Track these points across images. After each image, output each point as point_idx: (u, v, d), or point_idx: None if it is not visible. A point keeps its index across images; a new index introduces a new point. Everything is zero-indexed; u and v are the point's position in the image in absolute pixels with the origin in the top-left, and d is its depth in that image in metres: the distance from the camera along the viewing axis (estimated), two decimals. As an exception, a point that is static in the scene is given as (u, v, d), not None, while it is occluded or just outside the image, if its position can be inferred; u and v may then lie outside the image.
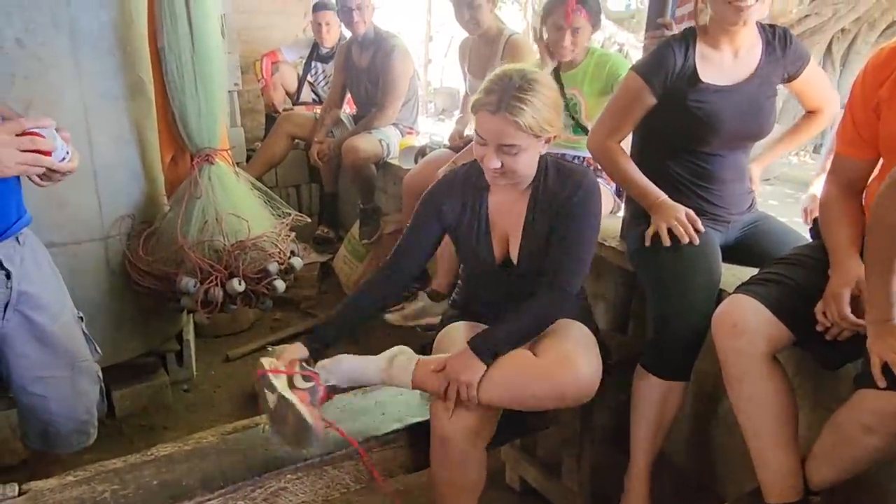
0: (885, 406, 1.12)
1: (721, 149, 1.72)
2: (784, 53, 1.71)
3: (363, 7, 3.20)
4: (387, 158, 3.39)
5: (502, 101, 1.34)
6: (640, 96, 1.70)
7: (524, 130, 1.35)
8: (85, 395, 1.64)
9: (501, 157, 1.39)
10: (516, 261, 1.54)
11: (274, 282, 2.31)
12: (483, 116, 1.37)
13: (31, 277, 1.46)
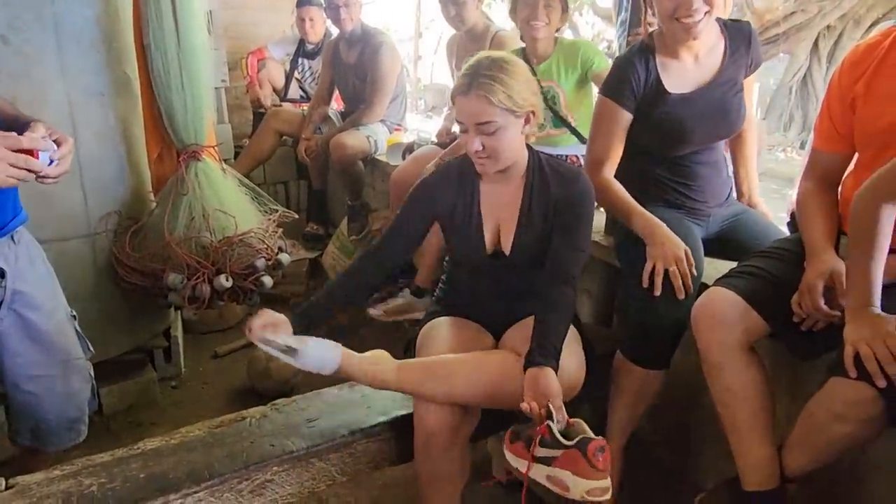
0: (855, 395, 1.15)
1: (694, 149, 1.75)
2: (747, 50, 1.72)
3: (350, 4, 3.21)
4: (374, 155, 3.40)
5: (473, 81, 1.38)
6: (616, 117, 1.71)
7: (497, 105, 1.37)
8: (76, 393, 1.64)
9: (481, 137, 1.41)
10: (508, 251, 1.56)
11: (261, 278, 2.32)
12: (458, 101, 1.41)
13: (26, 276, 1.46)
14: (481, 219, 1.57)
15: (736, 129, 1.78)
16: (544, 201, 1.53)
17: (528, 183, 1.54)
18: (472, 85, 1.37)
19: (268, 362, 2.50)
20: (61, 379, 1.58)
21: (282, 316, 1.47)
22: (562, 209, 1.51)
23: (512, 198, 1.55)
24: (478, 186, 1.57)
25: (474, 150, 1.42)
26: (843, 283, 1.30)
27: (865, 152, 1.39)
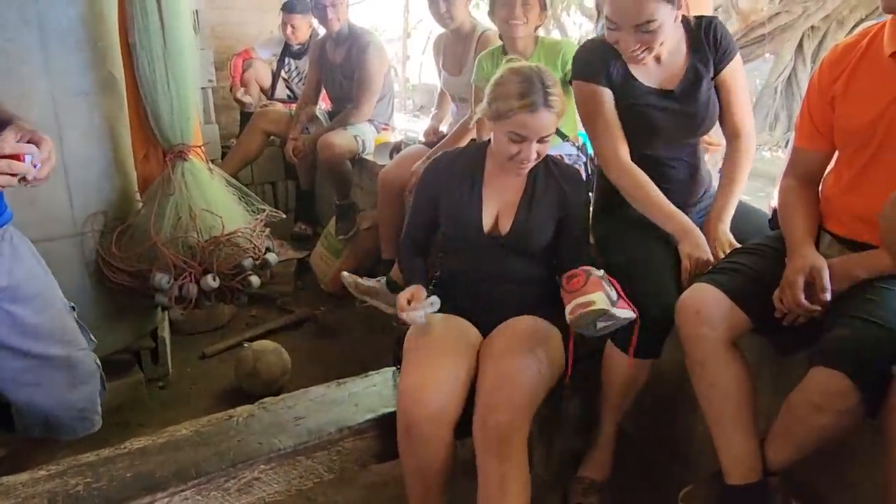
0: (832, 385, 1.17)
1: (667, 149, 1.76)
2: (711, 44, 1.69)
3: (337, 4, 3.21)
4: (362, 155, 3.40)
5: (538, 98, 1.50)
6: (597, 96, 1.70)
7: (558, 113, 1.54)
8: (83, 382, 1.62)
9: (538, 147, 1.55)
10: (505, 232, 1.65)
11: (249, 277, 2.32)
12: (523, 117, 1.50)
13: (12, 272, 1.45)
14: (482, 199, 1.67)
15: (709, 126, 1.76)
16: (550, 192, 1.66)
17: (533, 173, 1.66)
18: (540, 103, 1.50)
19: (255, 362, 2.50)
20: (64, 370, 1.57)
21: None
22: (570, 205, 1.67)
23: (516, 184, 1.67)
24: (482, 172, 1.69)
25: (532, 158, 1.56)
26: (824, 279, 1.33)
27: (845, 150, 1.41)
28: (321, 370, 2.69)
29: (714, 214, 1.71)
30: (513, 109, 1.50)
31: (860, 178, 1.36)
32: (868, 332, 1.20)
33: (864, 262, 1.34)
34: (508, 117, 1.51)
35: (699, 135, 1.80)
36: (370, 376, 1.70)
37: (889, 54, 1.29)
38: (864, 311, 1.23)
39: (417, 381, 1.45)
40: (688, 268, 1.58)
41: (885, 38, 1.31)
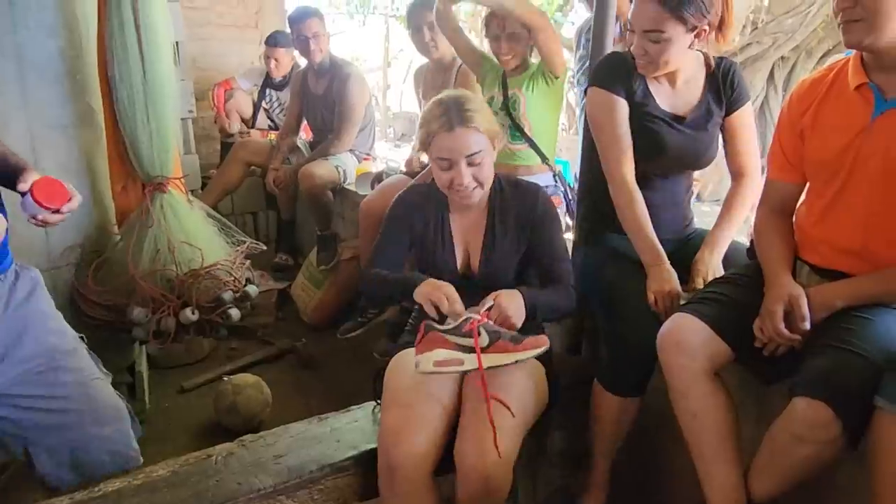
0: (814, 417, 1.18)
1: (658, 174, 1.78)
2: (726, 85, 1.73)
3: (319, 36, 3.24)
4: (343, 185, 3.40)
5: (454, 117, 1.47)
6: (612, 105, 1.69)
7: (483, 133, 1.50)
8: (108, 414, 1.55)
9: (471, 170, 1.50)
10: (476, 270, 1.64)
11: (228, 310, 2.29)
12: (442, 138, 1.48)
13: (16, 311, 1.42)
14: (452, 241, 1.65)
15: (706, 162, 1.79)
16: (508, 220, 1.63)
17: (491, 206, 1.64)
18: (454, 121, 1.47)
19: (235, 397, 2.45)
20: (84, 401, 1.50)
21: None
22: (530, 226, 1.62)
23: (477, 221, 1.65)
24: (447, 213, 1.66)
25: (466, 183, 1.50)
26: (802, 308, 1.34)
27: (815, 181, 1.44)
28: (302, 403, 2.65)
29: (708, 243, 1.73)
30: (432, 133, 1.50)
31: (832, 209, 1.39)
32: (847, 362, 1.21)
33: (841, 290, 1.35)
34: (432, 143, 1.51)
35: (698, 167, 1.83)
36: (352, 411, 1.68)
37: (854, 87, 1.33)
38: (843, 341, 1.25)
39: (399, 422, 1.40)
40: (653, 302, 1.60)
41: (849, 73, 1.35)
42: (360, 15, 12.40)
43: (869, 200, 1.32)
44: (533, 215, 1.62)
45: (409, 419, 1.41)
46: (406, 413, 1.42)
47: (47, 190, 1.28)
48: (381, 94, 12.08)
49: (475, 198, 1.56)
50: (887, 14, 1.21)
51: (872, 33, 1.23)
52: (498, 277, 1.63)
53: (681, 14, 1.53)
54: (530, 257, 1.65)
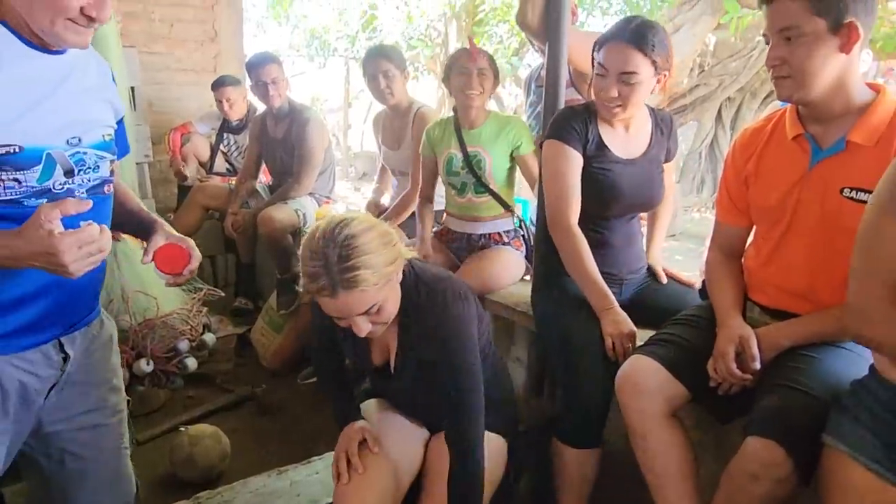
0: (766, 454, 1.21)
1: (616, 216, 1.85)
2: (668, 136, 1.88)
3: (278, 81, 3.26)
4: (304, 228, 3.39)
5: (336, 279, 1.22)
6: (567, 155, 1.75)
7: (371, 288, 1.24)
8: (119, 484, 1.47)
9: (372, 318, 1.30)
10: (394, 370, 1.51)
11: (185, 360, 2.25)
12: (326, 303, 1.26)
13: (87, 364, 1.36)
14: (368, 343, 1.52)
15: (656, 202, 1.91)
16: (421, 329, 1.42)
17: (403, 312, 1.40)
18: (336, 286, 1.22)
19: (192, 448, 2.38)
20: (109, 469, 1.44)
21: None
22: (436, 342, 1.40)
23: (391, 329, 1.44)
24: None
25: (367, 331, 1.31)
26: (752, 348, 1.39)
27: (761, 225, 1.51)
28: (262, 452, 2.59)
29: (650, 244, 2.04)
30: (312, 293, 1.26)
31: (777, 252, 1.45)
32: (796, 401, 1.25)
33: (788, 331, 1.41)
34: (316, 299, 1.29)
35: (650, 206, 1.93)
36: (312, 462, 1.65)
37: (791, 138, 1.41)
38: (791, 380, 1.29)
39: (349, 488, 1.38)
40: (611, 347, 1.64)
41: (786, 123, 1.43)
42: (321, 57, 12.54)
43: (811, 245, 1.38)
44: (435, 334, 1.40)
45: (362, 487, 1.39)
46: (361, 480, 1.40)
47: (168, 259, 1.37)
48: (342, 134, 12.17)
49: (379, 333, 1.37)
50: (813, 72, 1.29)
51: (801, 89, 1.31)
52: (418, 380, 1.49)
53: (653, 58, 1.64)
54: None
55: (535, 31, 2.09)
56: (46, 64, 1.17)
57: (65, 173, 1.18)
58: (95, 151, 1.24)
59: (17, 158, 1.10)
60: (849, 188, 1.32)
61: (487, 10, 9.00)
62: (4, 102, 1.09)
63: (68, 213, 1.05)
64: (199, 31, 4.58)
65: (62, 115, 1.18)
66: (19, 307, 1.19)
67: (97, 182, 1.26)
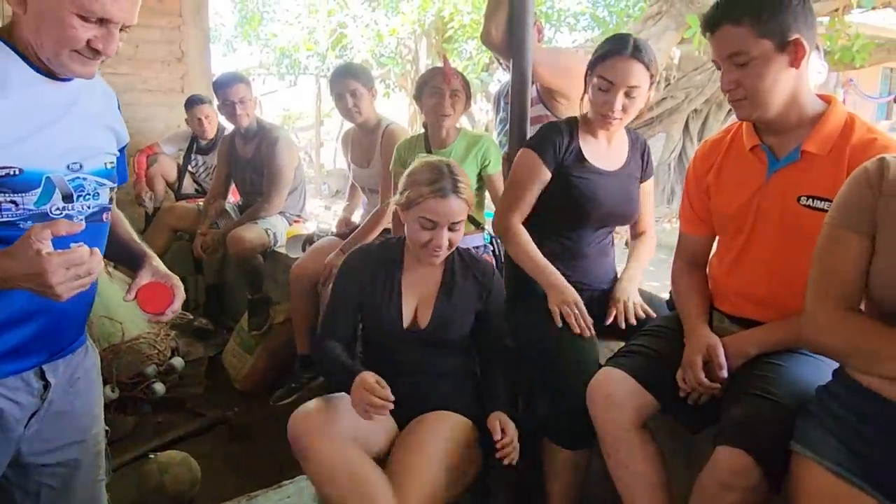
0: (735, 463, 1.21)
1: (591, 226, 1.87)
2: (642, 157, 1.93)
3: (245, 101, 3.24)
4: (274, 248, 3.36)
5: (448, 185, 1.58)
6: (536, 169, 1.81)
7: (468, 200, 1.62)
8: None
9: (450, 234, 1.60)
10: (425, 324, 1.68)
11: (153, 385, 2.20)
12: (433, 202, 1.57)
13: (69, 392, 1.32)
14: (401, 294, 1.69)
15: (632, 216, 1.94)
16: (468, 283, 1.71)
17: (449, 265, 1.72)
18: (450, 189, 1.58)
19: (161, 475, 2.32)
20: (88, 496, 1.41)
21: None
22: (486, 292, 1.72)
23: (433, 276, 1.72)
24: (400, 266, 1.72)
25: (444, 246, 1.60)
26: (719, 357, 1.40)
27: (723, 234, 1.53)
28: (234, 477, 2.53)
29: (623, 277, 1.91)
30: (423, 196, 1.57)
31: (739, 261, 1.47)
32: (763, 409, 1.26)
33: (753, 338, 1.42)
34: (419, 203, 1.58)
35: (625, 218, 1.94)
36: (284, 487, 1.62)
37: (749, 149, 1.44)
38: (758, 388, 1.30)
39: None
40: (558, 315, 1.69)
41: (743, 135, 1.46)
42: (291, 75, 12.53)
43: (772, 253, 1.41)
44: (490, 284, 1.73)
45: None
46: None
47: (151, 297, 1.35)
48: (314, 152, 12.15)
49: (441, 258, 1.65)
50: (766, 92, 1.33)
51: (758, 109, 1.35)
52: (448, 331, 1.68)
53: (651, 71, 1.73)
54: (479, 327, 1.73)
55: (499, 48, 2.12)
56: (53, 90, 1.17)
57: (63, 198, 1.17)
58: (96, 178, 1.24)
59: (15, 181, 1.10)
60: (805, 196, 1.35)
61: (457, 28, 9.09)
62: (7, 126, 1.09)
63: (59, 233, 1.03)
64: (165, 52, 4.55)
65: (65, 141, 1.18)
66: (2, 332, 1.16)
67: (96, 209, 1.25)
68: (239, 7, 13.89)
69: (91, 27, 1.09)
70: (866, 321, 1.13)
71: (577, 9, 10.90)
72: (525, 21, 1.99)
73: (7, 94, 1.10)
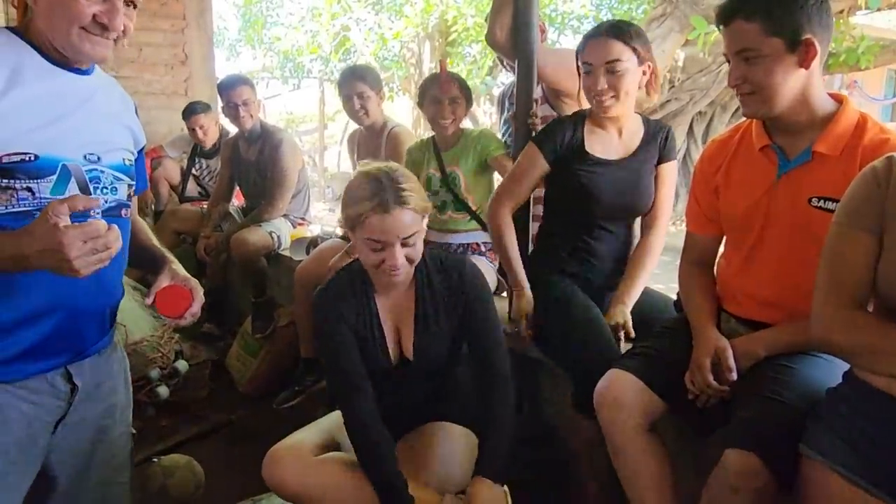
0: (744, 465, 1.20)
1: (601, 221, 1.86)
2: (662, 144, 1.89)
3: (249, 103, 3.24)
4: (278, 250, 3.35)
5: (389, 196, 1.37)
6: (534, 161, 1.86)
7: (419, 213, 1.42)
8: None
9: (404, 250, 1.42)
10: (412, 356, 1.56)
11: (156, 388, 2.19)
12: (377, 223, 1.37)
13: (96, 394, 1.32)
14: (382, 329, 1.56)
15: (643, 206, 1.89)
16: (437, 298, 1.55)
17: (419, 283, 1.55)
18: (391, 201, 1.37)
19: (165, 480, 2.31)
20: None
21: None
22: (461, 307, 1.54)
23: (405, 301, 1.57)
24: (373, 296, 1.57)
25: (400, 264, 1.41)
26: (728, 359, 1.38)
27: (732, 235, 1.52)
28: (238, 481, 2.51)
29: (617, 296, 1.81)
30: (363, 213, 1.37)
31: (749, 263, 1.45)
32: (772, 411, 1.25)
33: (763, 340, 1.41)
34: (362, 223, 1.39)
35: (635, 210, 1.91)
36: (288, 490, 1.60)
37: (758, 149, 1.42)
38: (768, 390, 1.29)
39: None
40: (517, 321, 1.80)
41: (753, 135, 1.44)
42: (295, 79, 12.56)
43: (782, 255, 1.39)
44: (461, 296, 1.54)
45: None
46: None
47: (169, 300, 1.34)
48: (318, 155, 12.16)
49: (403, 277, 1.47)
50: (774, 87, 1.31)
51: (765, 105, 1.34)
52: (432, 363, 1.58)
53: (633, 45, 1.70)
54: (464, 339, 1.59)
55: (503, 48, 2.12)
56: (70, 82, 1.20)
57: (80, 188, 1.18)
58: (113, 172, 1.25)
59: (30, 167, 1.11)
60: (817, 197, 1.33)
61: (460, 31, 9.09)
62: (23, 115, 1.11)
63: (76, 208, 1.02)
64: (168, 55, 4.56)
65: (82, 132, 1.20)
66: (20, 328, 1.15)
67: (113, 204, 1.26)
68: (242, 11, 13.94)
69: (95, 1, 1.13)
70: (875, 320, 1.12)
71: (581, 12, 10.90)
72: (530, 23, 1.99)
73: (23, 83, 1.12)
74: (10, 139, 1.10)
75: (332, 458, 1.49)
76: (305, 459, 1.46)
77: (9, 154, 1.09)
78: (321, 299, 1.55)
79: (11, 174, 1.10)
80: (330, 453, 1.51)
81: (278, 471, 1.44)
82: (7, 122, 1.09)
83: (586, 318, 1.72)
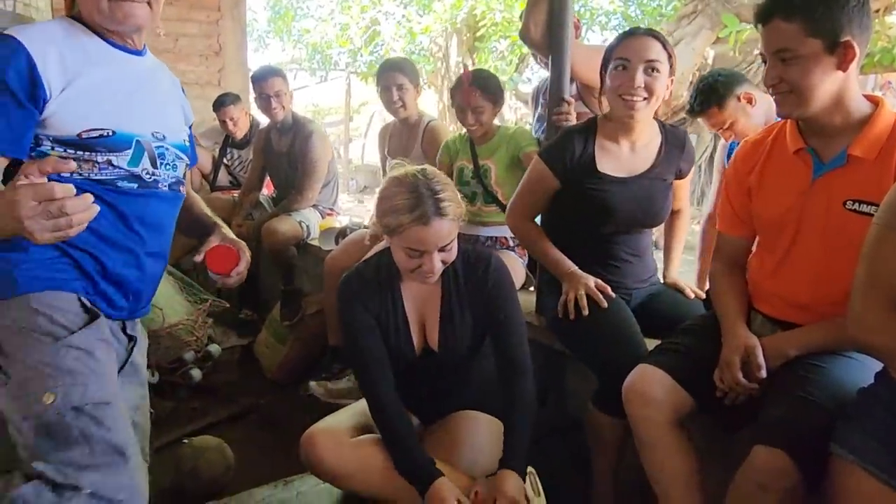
0: (773, 463, 1.21)
1: (618, 232, 1.86)
2: (680, 153, 1.87)
3: (281, 94, 3.29)
4: (307, 240, 3.40)
5: (429, 209, 1.38)
6: (544, 179, 1.84)
7: (455, 221, 1.44)
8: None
9: (441, 255, 1.45)
10: (437, 348, 1.59)
11: (190, 371, 2.25)
12: (416, 231, 1.38)
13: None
14: (407, 320, 1.59)
15: (659, 220, 1.90)
16: (462, 292, 1.58)
17: (446, 277, 1.56)
18: (432, 212, 1.38)
19: (196, 461, 2.37)
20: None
21: None
22: (484, 301, 1.56)
23: (432, 293, 1.59)
24: (398, 287, 1.59)
25: (436, 270, 1.45)
26: (758, 357, 1.39)
27: (765, 237, 1.52)
28: (267, 464, 2.57)
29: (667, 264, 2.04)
30: (403, 225, 1.39)
31: (782, 265, 1.46)
32: (802, 410, 1.26)
33: (794, 340, 1.41)
34: (401, 233, 1.40)
35: (651, 223, 1.90)
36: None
37: (793, 151, 1.42)
38: (798, 389, 1.30)
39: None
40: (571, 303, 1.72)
41: (787, 137, 1.44)
42: (322, 71, 12.63)
43: (816, 258, 1.39)
44: (486, 289, 1.56)
45: None
46: None
47: (218, 259, 1.46)
48: (343, 148, 12.23)
49: (436, 278, 1.50)
50: (811, 87, 1.30)
51: (801, 106, 1.33)
52: (458, 354, 1.60)
53: (669, 51, 1.71)
54: (488, 332, 1.61)
55: (538, 45, 2.13)
56: (130, 64, 1.29)
57: (151, 162, 1.28)
58: (176, 151, 1.36)
59: (109, 141, 1.21)
60: (852, 201, 1.33)
61: (488, 25, 9.07)
62: (100, 93, 1.21)
63: (45, 170, 0.99)
64: (203, 46, 4.63)
65: (148, 110, 1.31)
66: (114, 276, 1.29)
67: (173, 180, 1.37)
68: (272, 3, 14.03)
69: None
70: None
71: (609, 8, 10.81)
72: (564, 21, 1.99)
73: (97, 63, 1.21)
74: (88, 115, 1.19)
75: (367, 440, 1.53)
76: (341, 439, 1.51)
77: (88, 130, 1.18)
78: (345, 286, 1.59)
79: (91, 148, 1.20)
80: (365, 435, 1.55)
81: (316, 451, 1.48)
82: (87, 98, 1.19)
83: (619, 318, 1.71)
